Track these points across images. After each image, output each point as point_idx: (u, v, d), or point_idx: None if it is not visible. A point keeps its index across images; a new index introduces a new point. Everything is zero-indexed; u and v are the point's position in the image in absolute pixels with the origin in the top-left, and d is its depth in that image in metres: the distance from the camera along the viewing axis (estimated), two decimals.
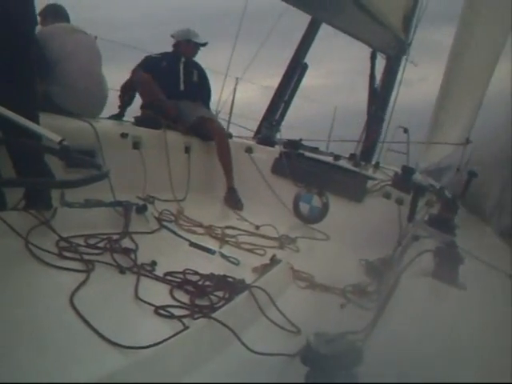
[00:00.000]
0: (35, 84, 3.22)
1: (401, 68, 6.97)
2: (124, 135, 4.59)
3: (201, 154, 5.55)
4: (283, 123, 7.20)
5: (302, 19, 6.32)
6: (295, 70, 6.92)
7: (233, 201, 5.40)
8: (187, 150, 5.41)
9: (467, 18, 6.85)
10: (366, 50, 6.52)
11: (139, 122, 5.15)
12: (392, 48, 6.60)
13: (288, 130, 7.18)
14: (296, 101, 7.23)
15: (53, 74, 4.30)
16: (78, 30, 4.70)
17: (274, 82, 6.99)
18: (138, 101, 5.66)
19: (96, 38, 5.09)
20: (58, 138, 2.13)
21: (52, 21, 4.62)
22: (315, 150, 6.50)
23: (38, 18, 4.09)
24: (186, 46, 6.04)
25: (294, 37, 6.70)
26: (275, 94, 7.07)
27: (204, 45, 6.13)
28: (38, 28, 4.00)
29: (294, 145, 6.17)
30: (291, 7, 4.87)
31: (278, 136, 6.70)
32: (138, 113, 5.37)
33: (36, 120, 2.98)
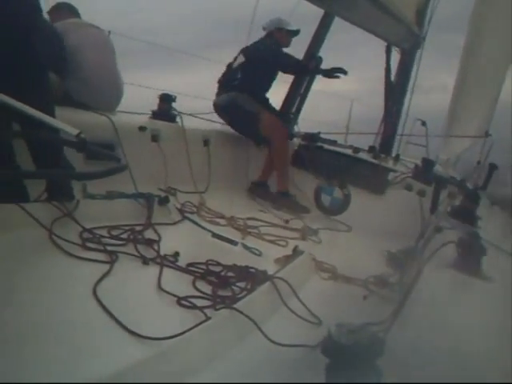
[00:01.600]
0: (47, 77, 3.24)
1: (415, 61, 6.94)
2: (142, 128, 4.62)
3: (219, 147, 5.57)
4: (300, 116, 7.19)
5: (316, 13, 6.29)
6: (310, 64, 6.89)
7: (293, 206, 5.27)
8: (206, 142, 5.43)
9: (482, 9, 6.80)
10: (381, 44, 6.48)
11: (156, 115, 5.18)
12: (406, 41, 6.56)
13: (305, 123, 7.16)
14: (312, 94, 7.20)
15: (68, 69, 4.33)
16: (90, 24, 4.74)
17: (290, 76, 6.95)
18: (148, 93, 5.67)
19: (110, 32, 5.12)
20: (75, 131, 2.15)
21: (64, 17, 4.64)
22: (334, 142, 6.47)
23: (47, 16, 4.14)
24: (279, 34, 5.89)
25: (309, 31, 6.65)
26: (291, 87, 7.04)
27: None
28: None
29: (312, 137, 6.15)
30: (303, 1, 4.85)
31: (296, 129, 6.69)
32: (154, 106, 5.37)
33: (51, 114, 3.02)
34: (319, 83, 6.87)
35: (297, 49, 6.30)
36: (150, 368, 1.81)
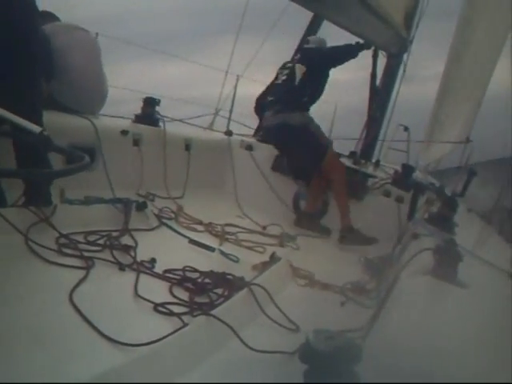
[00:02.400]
0: (38, 79, 3.22)
1: (402, 65, 6.96)
2: (124, 132, 4.59)
3: (201, 152, 5.53)
4: None
5: (305, 16, 6.31)
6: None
7: (359, 240, 4.82)
8: (187, 147, 5.39)
9: (467, 15, 6.84)
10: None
11: (139, 119, 5.14)
12: (393, 45, 6.58)
13: None
14: None
15: (54, 71, 4.30)
16: (77, 27, 4.70)
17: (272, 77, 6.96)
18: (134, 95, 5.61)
19: (97, 34, 5.08)
20: (38, 129, 2.13)
21: (50, 21, 4.60)
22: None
23: None
24: None
25: (297, 34, 6.67)
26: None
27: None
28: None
29: None
30: (293, 4, 4.86)
31: None
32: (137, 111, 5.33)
33: (39, 115, 3.01)
34: None
35: (286, 53, 6.34)
36: (126, 374, 1.80)
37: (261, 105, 5.89)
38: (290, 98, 5.42)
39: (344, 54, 5.49)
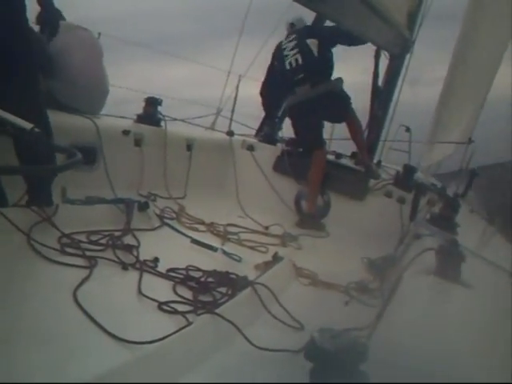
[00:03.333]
0: (39, 79, 3.22)
1: (404, 66, 6.95)
2: (126, 132, 4.58)
3: (203, 152, 5.52)
4: (286, 121, 7.18)
5: (307, 17, 6.30)
6: None
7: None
8: (189, 147, 5.38)
9: (471, 17, 6.83)
10: (369, 48, 6.48)
11: (141, 119, 5.13)
12: (396, 46, 6.56)
13: (291, 127, 7.15)
14: None
15: (54, 71, 4.30)
16: (78, 26, 4.70)
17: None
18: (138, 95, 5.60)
19: (100, 34, 5.07)
20: (29, 126, 2.13)
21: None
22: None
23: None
24: None
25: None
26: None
27: None
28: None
29: (295, 143, 6.16)
30: (295, 4, 4.86)
31: (280, 134, 6.69)
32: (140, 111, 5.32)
33: (43, 115, 3.01)
34: None
35: None
36: (131, 373, 1.80)
37: (272, 88, 6.07)
38: (321, 68, 5.64)
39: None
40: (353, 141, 5.97)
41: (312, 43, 5.58)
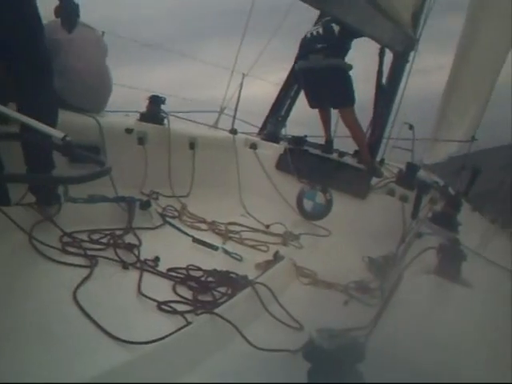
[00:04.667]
0: (52, 78, 3.23)
1: (408, 64, 6.92)
2: (129, 131, 4.57)
3: (206, 150, 5.51)
4: (289, 119, 7.17)
5: (311, 14, 6.32)
6: None
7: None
8: (192, 145, 5.38)
9: (475, 12, 6.80)
10: (373, 46, 6.47)
11: (144, 117, 5.12)
12: (401, 44, 6.54)
13: (294, 125, 7.15)
14: (302, 96, 7.19)
15: (57, 69, 4.29)
16: (82, 24, 4.68)
17: (282, 78, 6.95)
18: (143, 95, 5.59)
19: (103, 33, 5.05)
20: (61, 134, 2.13)
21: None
22: (320, 146, 6.48)
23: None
24: None
25: (303, 32, 6.67)
26: (281, 89, 7.03)
27: None
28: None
29: (298, 141, 6.17)
30: (299, 2, 4.85)
31: (284, 132, 6.70)
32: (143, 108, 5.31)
33: (55, 116, 3.03)
34: None
35: (292, 51, 6.39)
36: (130, 372, 1.81)
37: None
38: (337, 45, 5.91)
39: None
40: (353, 139, 6.09)
41: (335, 26, 5.86)
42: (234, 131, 6.21)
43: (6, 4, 2.78)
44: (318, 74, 5.91)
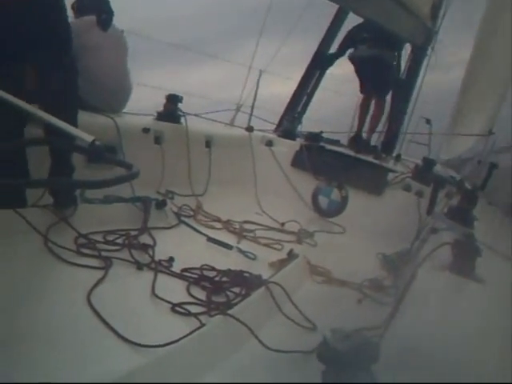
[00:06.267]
0: (77, 81, 3.27)
1: (426, 57, 6.88)
2: (146, 130, 4.58)
3: (222, 148, 5.52)
4: (305, 116, 7.16)
5: (330, 10, 6.34)
6: (319, 62, 6.85)
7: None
8: (208, 144, 5.38)
9: (493, 7, 6.75)
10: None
11: (161, 116, 5.13)
12: (419, 37, 6.50)
13: (311, 122, 7.14)
14: (319, 93, 7.18)
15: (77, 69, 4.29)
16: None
17: (299, 75, 6.94)
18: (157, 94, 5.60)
19: (123, 31, 5.04)
20: (90, 138, 2.13)
21: (82, 14, 4.56)
22: (336, 142, 6.47)
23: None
24: None
25: (322, 29, 6.68)
26: (298, 86, 7.02)
27: None
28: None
29: (314, 138, 6.15)
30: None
31: (300, 129, 6.68)
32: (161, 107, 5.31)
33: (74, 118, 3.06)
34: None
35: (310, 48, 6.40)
36: (144, 376, 1.82)
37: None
38: (392, 41, 6.25)
39: None
40: (370, 120, 6.47)
41: None
42: (250, 129, 6.20)
43: (36, 5, 2.81)
44: (381, 64, 6.24)
